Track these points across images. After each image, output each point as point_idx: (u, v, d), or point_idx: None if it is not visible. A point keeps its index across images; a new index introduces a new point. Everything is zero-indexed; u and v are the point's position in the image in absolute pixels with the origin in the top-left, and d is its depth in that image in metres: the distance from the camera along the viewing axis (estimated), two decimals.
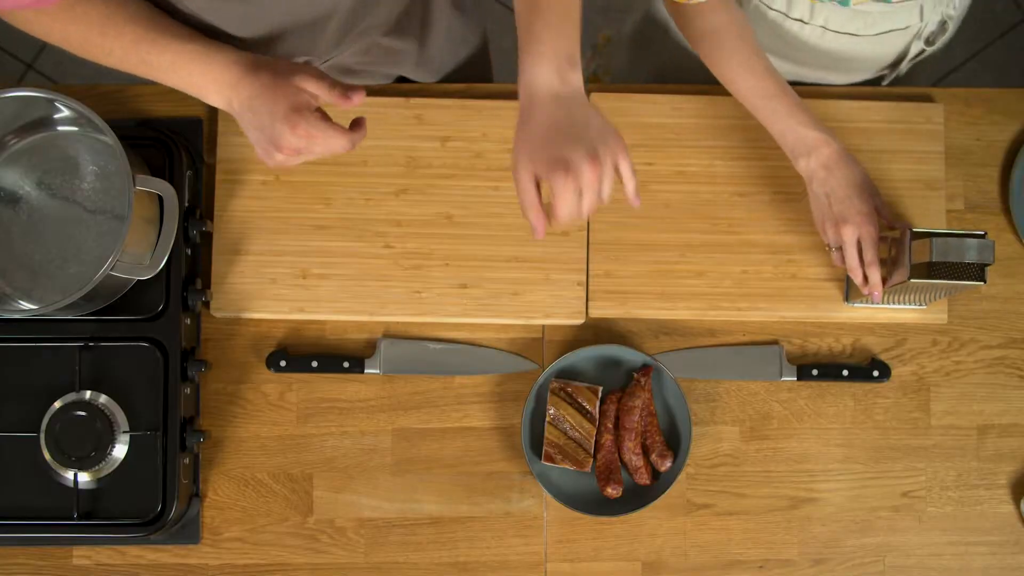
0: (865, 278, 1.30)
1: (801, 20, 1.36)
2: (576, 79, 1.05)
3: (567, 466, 1.36)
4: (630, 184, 1.08)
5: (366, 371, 1.40)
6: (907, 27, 1.38)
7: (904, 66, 1.47)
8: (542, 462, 1.37)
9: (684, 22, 1.29)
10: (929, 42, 1.42)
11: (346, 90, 1.08)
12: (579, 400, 1.38)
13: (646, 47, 1.59)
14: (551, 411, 1.37)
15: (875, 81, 1.52)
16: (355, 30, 1.27)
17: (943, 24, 1.40)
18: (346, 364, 1.40)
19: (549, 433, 1.37)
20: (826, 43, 1.39)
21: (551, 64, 1.04)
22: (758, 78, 1.27)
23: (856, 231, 1.28)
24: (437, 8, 1.43)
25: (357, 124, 1.12)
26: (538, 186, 1.05)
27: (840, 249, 1.31)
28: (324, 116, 1.09)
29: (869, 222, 1.28)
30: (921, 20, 1.37)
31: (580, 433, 1.37)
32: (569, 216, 1.04)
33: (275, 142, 1.08)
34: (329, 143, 1.09)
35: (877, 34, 1.37)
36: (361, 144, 1.33)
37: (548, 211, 1.05)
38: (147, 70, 1.08)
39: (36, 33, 1.07)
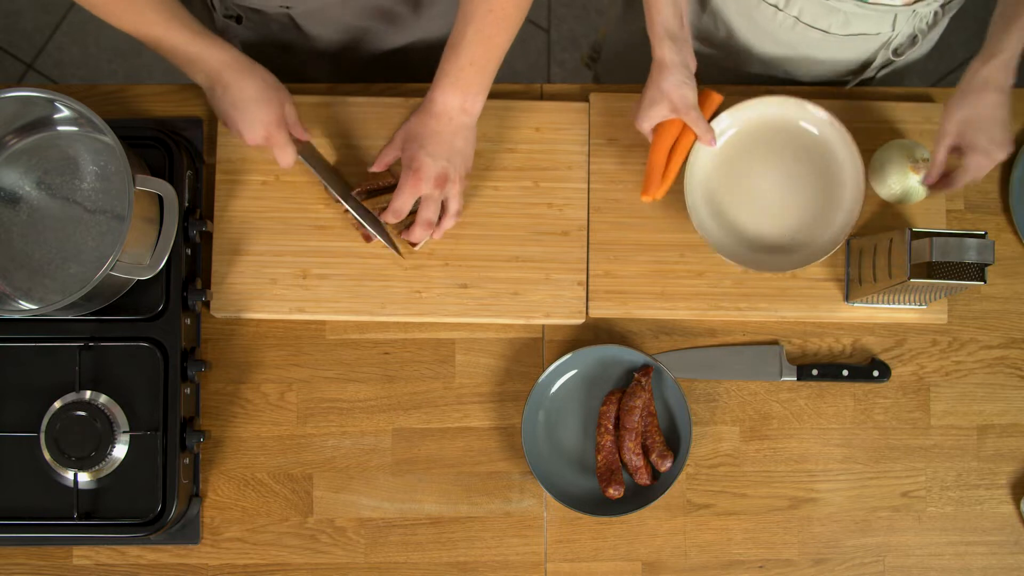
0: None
1: (776, 6, 1.36)
2: (476, 107, 1.30)
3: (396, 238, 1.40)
4: (451, 207, 1.34)
5: None
6: (878, 33, 1.37)
7: (869, 73, 1.47)
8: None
9: None
10: (897, 53, 1.42)
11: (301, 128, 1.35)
12: (381, 184, 1.39)
13: (645, 47, 1.59)
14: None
15: (840, 83, 1.52)
16: None
17: (913, 38, 1.40)
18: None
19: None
20: (796, 35, 1.39)
21: (461, 96, 1.29)
22: None
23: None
24: None
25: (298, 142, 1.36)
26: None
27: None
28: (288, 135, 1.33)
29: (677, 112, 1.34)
30: (893, 30, 1.37)
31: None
32: (401, 206, 1.32)
33: (245, 133, 1.30)
34: (281, 153, 1.32)
35: (847, 35, 1.37)
36: (362, 144, 1.45)
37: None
38: (154, 46, 1.27)
39: None
